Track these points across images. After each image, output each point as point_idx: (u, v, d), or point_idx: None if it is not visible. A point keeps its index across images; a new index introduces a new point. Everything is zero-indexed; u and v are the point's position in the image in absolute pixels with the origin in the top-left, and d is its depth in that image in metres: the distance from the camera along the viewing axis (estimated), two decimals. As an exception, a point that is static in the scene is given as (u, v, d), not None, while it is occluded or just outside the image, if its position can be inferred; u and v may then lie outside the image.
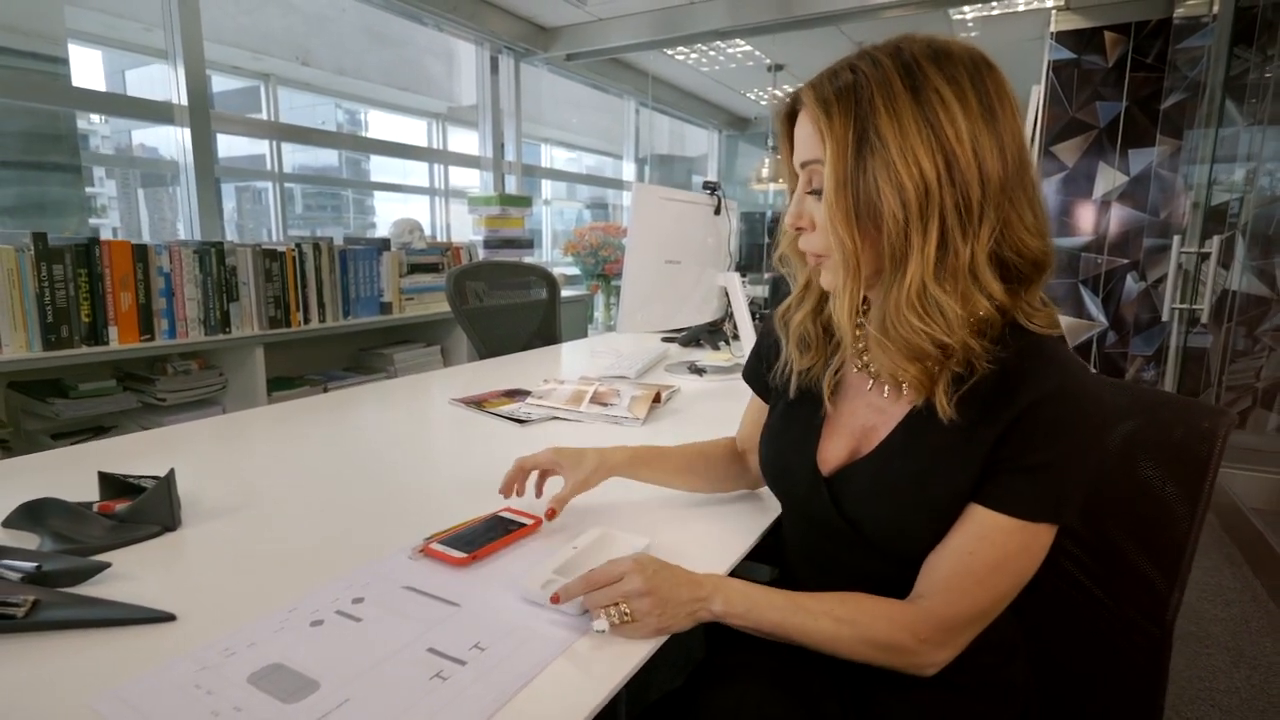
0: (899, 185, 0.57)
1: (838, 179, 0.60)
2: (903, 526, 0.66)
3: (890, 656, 0.63)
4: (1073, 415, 0.59)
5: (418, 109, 4.44)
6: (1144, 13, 3.44)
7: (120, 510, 0.79)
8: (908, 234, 0.58)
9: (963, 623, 0.63)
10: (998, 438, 0.61)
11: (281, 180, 3.34)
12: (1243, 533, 2.40)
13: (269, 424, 1.29)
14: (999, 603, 0.63)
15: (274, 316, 2.26)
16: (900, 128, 0.57)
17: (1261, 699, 1.59)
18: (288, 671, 0.54)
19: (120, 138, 3.81)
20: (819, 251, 0.67)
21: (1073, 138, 3.63)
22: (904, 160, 0.57)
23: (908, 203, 0.58)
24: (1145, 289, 3.57)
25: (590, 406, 1.32)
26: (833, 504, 0.70)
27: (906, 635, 0.61)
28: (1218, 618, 1.94)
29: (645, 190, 1.50)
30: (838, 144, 0.59)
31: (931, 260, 0.58)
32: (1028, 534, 0.61)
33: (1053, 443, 0.59)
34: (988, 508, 0.61)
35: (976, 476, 0.62)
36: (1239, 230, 2.95)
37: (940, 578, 0.63)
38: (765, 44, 4.70)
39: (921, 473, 0.65)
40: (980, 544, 0.61)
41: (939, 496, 0.63)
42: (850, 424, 0.72)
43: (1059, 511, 0.61)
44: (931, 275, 0.59)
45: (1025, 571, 0.62)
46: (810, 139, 0.63)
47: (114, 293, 1.88)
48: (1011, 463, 0.60)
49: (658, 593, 0.60)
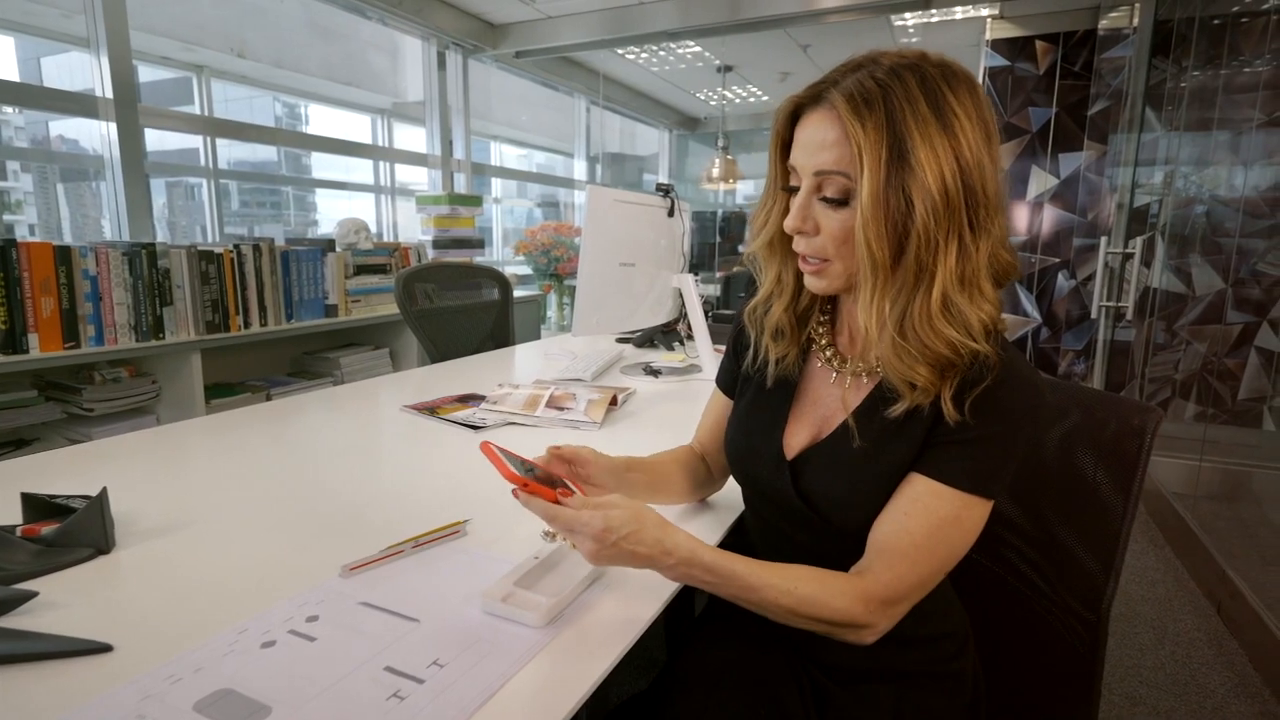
0: (928, 198, 0.60)
1: (875, 191, 0.60)
2: (854, 499, 0.69)
3: (836, 629, 0.64)
4: (1010, 398, 0.64)
5: (362, 104, 4.32)
6: (1071, 24, 3.62)
7: (47, 533, 0.74)
8: (934, 245, 0.61)
9: (903, 590, 0.64)
10: (935, 414, 0.65)
11: (216, 177, 3.20)
12: (1165, 517, 2.56)
13: (208, 434, 1.23)
14: (935, 573, 0.66)
15: (211, 321, 2.17)
16: (929, 143, 0.60)
17: (1184, 673, 1.70)
18: (237, 697, 0.52)
19: (36, 129, 3.58)
20: (821, 257, 0.68)
21: (1007, 141, 3.79)
22: (933, 173, 0.60)
23: (936, 214, 0.60)
24: (1075, 286, 3.75)
25: (546, 411, 1.31)
26: (791, 483, 0.73)
27: (860, 607, 0.63)
28: (1144, 598, 2.06)
29: (599, 193, 1.49)
30: (873, 156, 0.60)
31: (953, 270, 0.62)
32: (959, 503, 0.64)
33: (989, 421, 0.63)
34: (922, 474, 0.66)
35: (917, 449, 0.66)
36: (1159, 231, 3.14)
37: (878, 542, 0.66)
38: (714, 45, 4.75)
39: (872, 449, 0.68)
40: (914, 507, 0.65)
41: (886, 469, 0.67)
42: (813, 412, 0.76)
43: (987, 486, 0.64)
44: (955, 284, 0.62)
45: (958, 544, 0.65)
46: (834, 146, 0.63)
47: (34, 297, 1.77)
48: (947, 435, 0.65)
49: (608, 558, 0.62)
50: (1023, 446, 0.65)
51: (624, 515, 0.61)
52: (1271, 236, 2.67)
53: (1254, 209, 2.70)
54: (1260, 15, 2.71)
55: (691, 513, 0.91)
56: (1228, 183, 2.85)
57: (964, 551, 0.66)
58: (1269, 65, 2.62)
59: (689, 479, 0.89)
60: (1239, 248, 2.79)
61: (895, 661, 0.72)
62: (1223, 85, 2.80)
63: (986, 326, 0.64)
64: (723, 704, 0.68)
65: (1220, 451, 2.72)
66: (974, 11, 3.78)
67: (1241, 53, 2.73)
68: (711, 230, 5.49)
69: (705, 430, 0.92)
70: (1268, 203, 2.66)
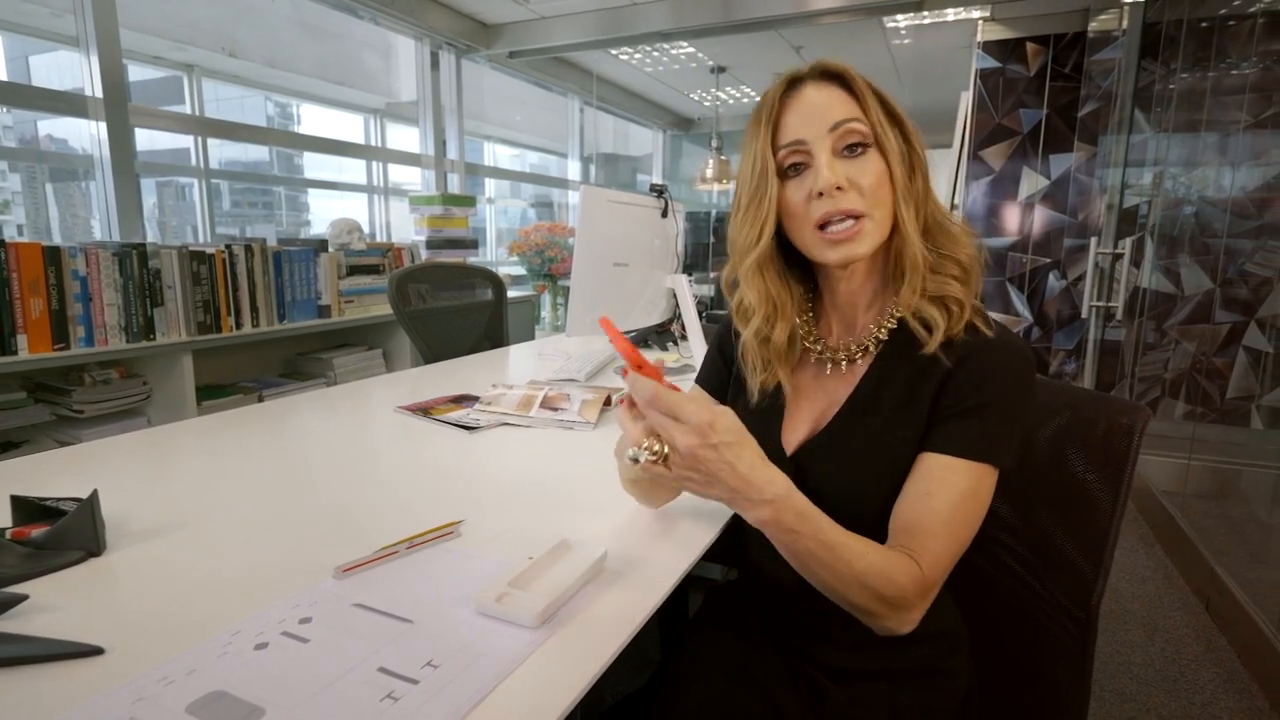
0: (914, 129, 0.70)
1: (891, 128, 0.69)
2: (861, 482, 0.69)
3: (884, 610, 0.62)
4: (1000, 362, 0.66)
5: (355, 104, 4.30)
6: (1062, 26, 3.64)
7: (37, 536, 0.73)
8: (924, 167, 0.70)
9: (939, 572, 0.64)
10: (935, 392, 0.67)
11: (208, 177, 3.19)
12: (1155, 515, 2.58)
13: (199, 436, 1.23)
14: (961, 549, 0.65)
15: (203, 322, 2.16)
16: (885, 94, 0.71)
17: (1174, 668, 1.71)
18: (230, 699, 0.52)
19: (25, 128, 3.54)
20: (859, 210, 0.68)
21: (999, 143, 3.81)
22: (902, 111, 0.70)
23: (918, 141, 0.70)
24: (1066, 286, 3.78)
25: (540, 411, 1.31)
26: (797, 479, 0.71)
27: (915, 586, 0.62)
28: (1135, 595, 2.08)
29: (593, 193, 1.50)
30: (874, 97, 0.69)
31: (932, 190, 0.71)
32: (974, 474, 0.65)
33: (984, 387, 0.66)
34: (934, 452, 0.66)
35: (922, 430, 0.67)
36: (1148, 231, 3.16)
37: (906, 524, 0.65)
38: (708, 46, 4.76)
39: (874, 432, 0.70)
40: (934, 485, 0.65)
41: (891, 452, 0.68)
42: (809, 407, 0.76)
43: (997, 453, 0.65)
44: (937, 206, 0.71)
45: (976, 516, 0.66)
46: (843, 101, 0.69)
47: (23, 298, 1.76)
48: (950, 409, 0.66)
49: (701, 467, 0.58)
50: (1023, 409, 0.67)
51: (732, 423, 0.59)
52: (1259, 237, 2.69)
53: (1241, 210, 2.73)
54: (1247, 18, 2.74)
55: (680, 515, 0.91)
56: (1216, 184, 2.87)
57: (979, 525, 0.66)
58: (1256, 68, 2.64)
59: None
60: (1227, 248, 2.81)
61: (892, 660, 0.72)
62: (1210, 87, 2.82)
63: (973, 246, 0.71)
64: (718, 701, 0.68)
65: (1209, 450, 2.74)
66: (965, 13, 3.80)
67: (1229, 55, 2.75)
68: (705, 231, 5.50)
69: None
70: (1255, 203, 2.69)
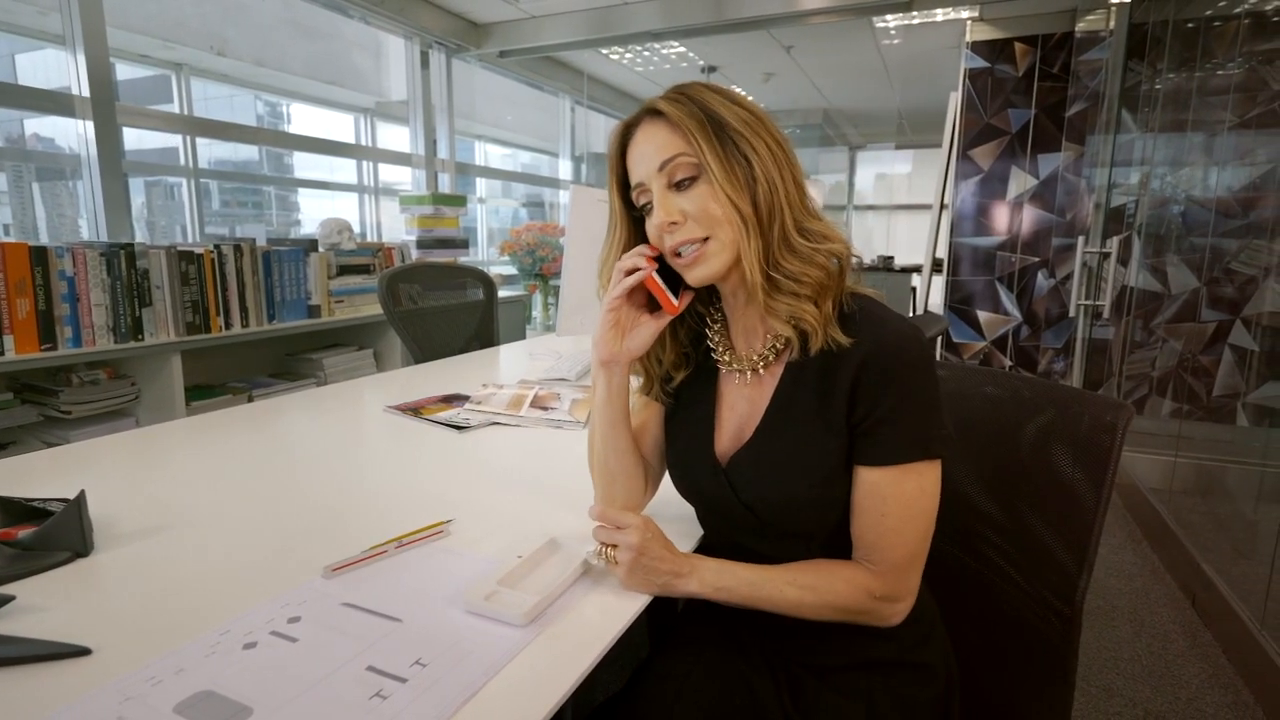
0: (760, 146, 0.68)
1: (716, 153, 0.68)
2: (790, 497, 0.71)
3: (851, 615, 0.70)
4: (895, 362, 0.67)
5: (345, 103, 4.29)
6: (1049, 26, 3.67)
7: (24, 537, 0.73)
8: (773, 183, 0.68)
9: (903, 566, 0.69)
10: (847, 405, 0.68)
11: (197, 176, 3.17)
12: (1142, 512, 2.60)
13: (188, 436, 1.22)
14: (924, 541, 0.70)
15: (192, 322, 2.14)
16: (733, 111, 0.69)
17: (1160, 663, 1.73)
18: (218, 698, 0.52)
19: (10, 127, 3.51)
20: (697, 238, 0.70)
21: (988, 142, 3.84)
22: (749, 129, 0.69)
23: (765, 160, 0.68)
24: (1055, 285, 3.80)
25: (531, 411, 1.31)
26: (731, 490, 0.74)
27: (863, 594, 0.69)
28: (1122, 591, 2.10)
29: (582, 192, 1.50)
30: (701, 129, 0.68)
31: (795, 202, 0.70)
32: (914, 475, 0.67)
33: (888, 391, 0.67)
34: (870, 466, 0.68)
35: (845, 442, 0.69)
36: (1135, 230, 3.19)
37: (868, 540, 0.70)
38: (698, 46, 4.76)
39: (795, 443, 0.71)
40: (884, 500, 0.68)
41: (814, 462, 0.70)
42: (732, 416, 0.77)
43: (932, 446, 0.67)
44: (801, 213, 0.70)
45: (931, 509, 0.69)
46: (667, 138, 0.70)
47: (9, 299, 1.74)
48: (867, 420, 0.68)
49: (643, 555, 0.67)
50: (935, 391, 0.69)
51: (642, 517, 0.69)
52: (1244, 236, 2.73)
53: (1227, 209, 2.76)
54: (1231, 19, 2.77)
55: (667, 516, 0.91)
56: (1202, 183, 2.91)
57: (936, 510, 0.70)
58: (1240, 68, 2.67)
59: (644, 480, 0.85)
60: (1212, 247, 2.85)
61: (866, 651, 0.73)
62: (1196, 88, 2.85)
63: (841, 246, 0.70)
64: (697, 693, 0.69)
65: (1195, 447, 2.77)
66: (954, 14, 3.82)
67: (1214, 56, 2.78)
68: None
69: (635, 424, 0.86)
70: (1240, 203, 2.72)
